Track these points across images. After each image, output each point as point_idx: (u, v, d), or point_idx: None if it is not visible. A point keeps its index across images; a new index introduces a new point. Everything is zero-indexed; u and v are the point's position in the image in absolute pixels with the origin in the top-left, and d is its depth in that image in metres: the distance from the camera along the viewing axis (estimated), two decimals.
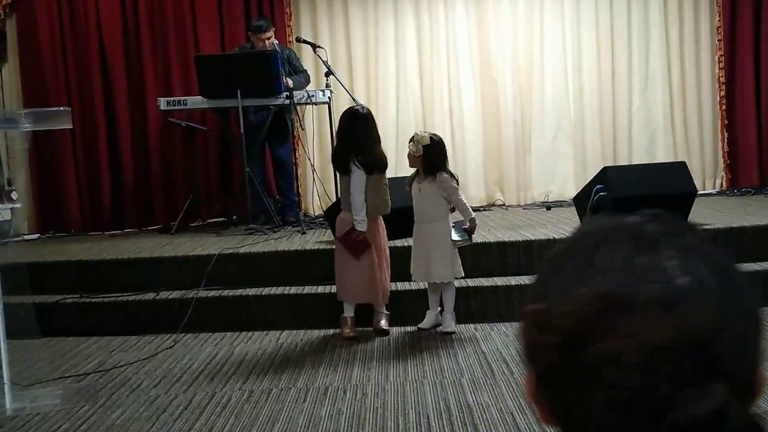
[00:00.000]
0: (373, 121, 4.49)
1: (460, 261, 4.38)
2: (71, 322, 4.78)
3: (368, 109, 4.54)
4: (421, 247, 4.37)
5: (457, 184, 4.39)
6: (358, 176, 4.34)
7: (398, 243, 4.77)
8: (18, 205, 3.66)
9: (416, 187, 4.38)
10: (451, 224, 4.37)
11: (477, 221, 4.44)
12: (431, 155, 4.30)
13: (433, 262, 4.32)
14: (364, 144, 4.37)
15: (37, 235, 6.79)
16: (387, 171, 4.50)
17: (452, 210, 4.42)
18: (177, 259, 5.09)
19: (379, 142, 4.50)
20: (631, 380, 0.54)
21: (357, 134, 4.38)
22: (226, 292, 4.82)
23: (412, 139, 4.35)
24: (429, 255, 4.33)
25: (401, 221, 4.56)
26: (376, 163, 4.37)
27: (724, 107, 7.31)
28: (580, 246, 0.61)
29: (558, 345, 0.57)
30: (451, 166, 4.52)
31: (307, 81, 6.41)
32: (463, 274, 4.43)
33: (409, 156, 4.36)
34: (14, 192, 3.54)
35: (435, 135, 4.40)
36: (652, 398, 0.54)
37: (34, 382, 3.83)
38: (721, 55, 7.26)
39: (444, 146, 4.42)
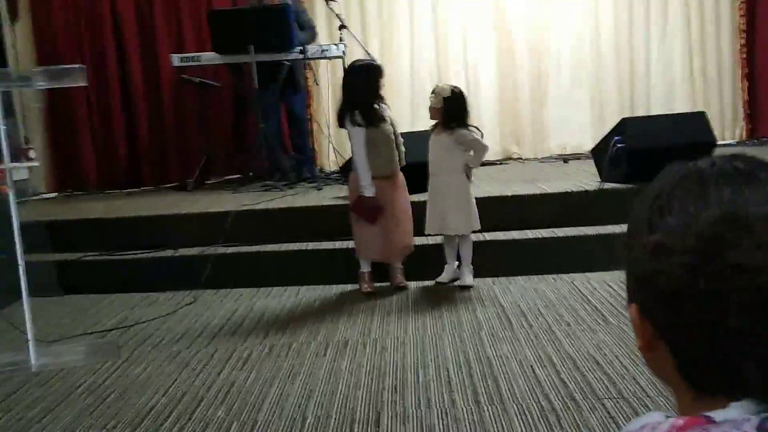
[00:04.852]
0: (370, 73, 4.31)
1: (477, 215, 4.36)
2: (92, 280, 4.83)
3: (376, 62, 4.40)
4: (436, 199, 4.34)
5: (482, 137, 4.35)
6: (354, 134, 4.25)
7: (414, 198, 4.74)
8: (36, 164, 3.67)
9: (434, 139, 4.35)
10: None
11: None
12: (451, 108, 4.26)
13: (449, 215, 4.31)
14: (359, 97, 4.23)
15: (55, 194, 6.82)
16: (402, 125, 4.40)
17: None
18: (195, 216, 5.11)
19: (375, 95, 4.29)
20: (764, 283, 0.64)
21: (351, 88, 4.28)
22: (244, 249, 4.84)
23: (433, 92, 4.31)
24: (445, 207, 4.31)
25: (418, 176, 4.50)
26: (374, 116, 4.23)
27: (744, 56, 7.17)
28: (685, 186, 0.71)
29: (687, 264, 0.66)
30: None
31: (312, 38, 6.30)
32: (479, 227, 4.40)
33: (430, 108, 4.33)
34: (32, 150, 3.54)
35: (456, 88, 4.34)
36: None
37: (57, 339, 3.89)
38: (741, 3, 7.11)
39: (464, 99, 4.35)
